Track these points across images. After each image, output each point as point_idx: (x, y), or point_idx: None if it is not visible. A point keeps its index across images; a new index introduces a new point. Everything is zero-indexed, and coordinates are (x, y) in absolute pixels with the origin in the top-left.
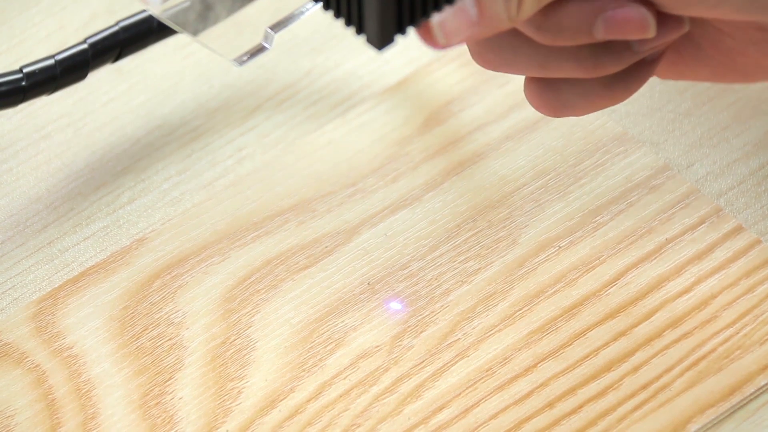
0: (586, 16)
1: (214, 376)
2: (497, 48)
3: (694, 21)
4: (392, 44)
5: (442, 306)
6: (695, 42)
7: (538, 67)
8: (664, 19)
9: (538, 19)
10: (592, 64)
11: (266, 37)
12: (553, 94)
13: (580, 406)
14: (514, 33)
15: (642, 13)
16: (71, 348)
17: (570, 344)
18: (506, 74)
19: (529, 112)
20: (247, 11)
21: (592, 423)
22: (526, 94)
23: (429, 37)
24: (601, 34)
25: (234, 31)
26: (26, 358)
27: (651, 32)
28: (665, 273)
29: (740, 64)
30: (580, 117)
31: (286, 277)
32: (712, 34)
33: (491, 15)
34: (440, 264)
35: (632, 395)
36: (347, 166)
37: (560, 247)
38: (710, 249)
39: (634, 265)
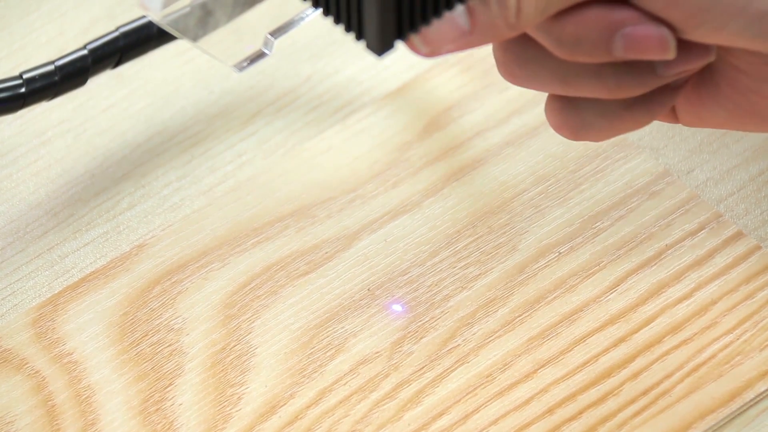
0: (604, 31)
1: (214, 382)
2: (523, 61)
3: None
4: (392, 50)
5: (442, 312)
6: (714, 81)
7: (560, 84)
8: (690, 45)
9: (557, 31)
10: (615, 84)
11: (266, 43)
12: (573, 114)
13: (580, 412)
14: (539, 46)
15: (661, 32)
16: (71, 354)
17: (570, 350)
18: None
19: (529, 117)
20: (247, 17)
21: (592, 429)
22: (546, 114)
23: (412, 45)
24: (620, 52)
25: (234, 36)
26: (26, 364)
27: (671, 53)
28: (665, 279)
29: (757, 106)
30: None
31: (286, 283)
32: (729, 72)
33: (486, 24)
34: (440, 270)
35: (632, 401)
36: (347, 172)
37: (560, 253)
38: (710, 255)
39: (634, 271)
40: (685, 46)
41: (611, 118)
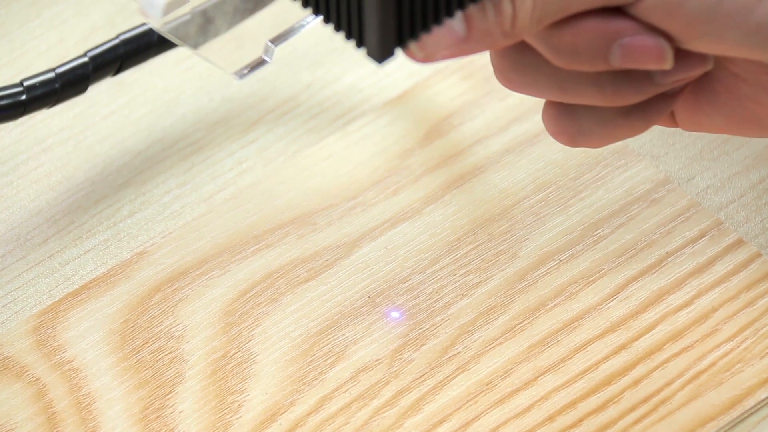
0: (601, 41)
1: (215, 390)
2: (520, 67)
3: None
4: (392, 57)
5: (442, 319)
6: (712, 87)
7: (558, 90)
8: (688, 53)
9: (555, 40)
10: (612, 92)
11: (267, 51)
12: (570, 120)
13: (581, 420)
14: (537, 53)
15: (659, 42)
16: (72, 361)
17: (570, 357)
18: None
19: (530, 125)
20: (248, 24)
21: None
22: (544, 120)
23: (408, 51)
24: (617, 62)
25: (234, 44)
26: (27, 371)
27: (668, 63)
28: (666, 286)
29: (755, 113)
30: None
31: (287, 290)
32: (727, 79)
33: (482, 31)
34: (441, 277)
35: (633, 408)
36: (348, 179)
37: (561, 261)
38: (711, 262)
39: (635, 279)
40: (683, 55)
41: (608, 125)
